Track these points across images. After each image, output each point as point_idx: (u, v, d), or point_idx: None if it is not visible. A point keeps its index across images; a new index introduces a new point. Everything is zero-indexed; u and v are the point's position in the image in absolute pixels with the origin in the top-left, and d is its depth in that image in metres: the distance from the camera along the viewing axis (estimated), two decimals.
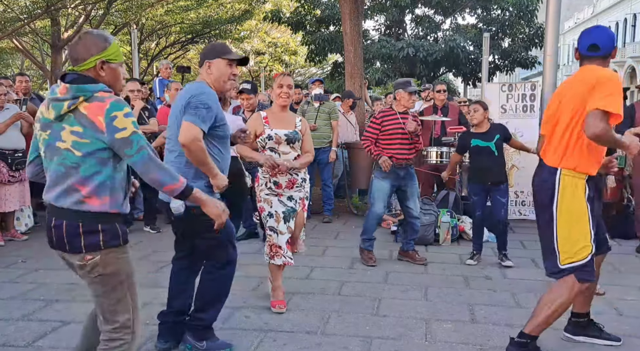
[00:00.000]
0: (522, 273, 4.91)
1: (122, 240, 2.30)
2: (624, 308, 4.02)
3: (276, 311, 3.88)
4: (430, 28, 20.91)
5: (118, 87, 2.35)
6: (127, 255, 2.36)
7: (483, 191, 5.17)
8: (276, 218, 3.90)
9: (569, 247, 3.01)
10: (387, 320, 3.76)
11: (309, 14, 19.70)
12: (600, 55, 3.08)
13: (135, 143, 2.17)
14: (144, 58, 23.27)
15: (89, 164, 2.19)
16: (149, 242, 5.95)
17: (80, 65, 2.25)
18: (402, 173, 5.08)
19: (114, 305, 2.32)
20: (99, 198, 2.21)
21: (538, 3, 18.50)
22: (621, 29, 39.53)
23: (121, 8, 16.87)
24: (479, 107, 5.20)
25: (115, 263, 2.28)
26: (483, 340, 3.44)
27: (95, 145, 2.17)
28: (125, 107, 2.19)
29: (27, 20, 15.08)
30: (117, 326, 2.32)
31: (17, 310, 3.89)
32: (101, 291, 2.30)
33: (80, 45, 2.26)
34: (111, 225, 2.26)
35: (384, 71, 19.75)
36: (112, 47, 2.28)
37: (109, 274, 2.28)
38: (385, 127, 5.05)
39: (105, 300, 2.31)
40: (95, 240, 2.22)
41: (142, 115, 6.22)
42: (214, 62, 3.11)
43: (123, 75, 2.38)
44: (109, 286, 2.30)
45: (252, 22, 26.14)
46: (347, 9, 8.66)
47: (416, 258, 5.21)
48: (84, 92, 2.17)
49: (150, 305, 3.99)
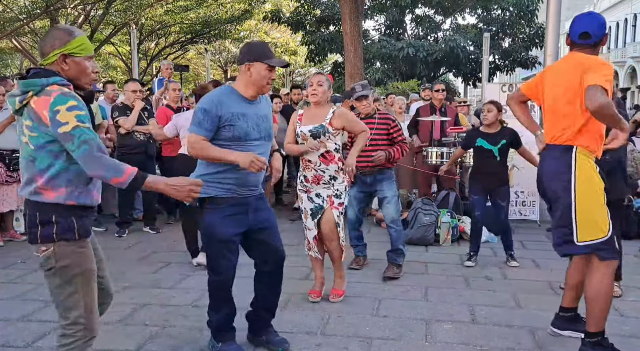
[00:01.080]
0: (523, 274, 4.90)
1: (77, 233, 2.27)
2: (624, 309, 4.01)
3: (311, 300, 4.11)
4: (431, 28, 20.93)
5: (85, 81, 2.34)
6: (85, 250, 2.32)
7: (483, 191, 5.14)
8: (304, 215, 4.12)
9: (587, 223, 3.00)
10: (387, 321, 3.75)
11: (308, 13, 19.71)
12: (591, 43, 3.10)
13: (76, 137, 2.15)
14: (144, 58, 23.26)
15: (41, 157, 2.21)
16: (148, 242, 5.94)
17: (44, 59, 2.28)
18: (368, 179, 4.77)
19: (66, 300, 2.29)
20: (53, 191, 2.23)
21: (538, 3, 18.51)
22: (621, 29, 39.51)
23: (120, 8, 16.87)
24: (493, 107, 5.10)
25: (68, 256, 2.26)
26: (483, 341, 3.43)
27: (44, 138, 2.19)
28: (70, 101, 2.17)
29: (26, 20, 15.08)
30: (68, 322, 2.29)
31: (17, 310, 3.88)
32: (53, 285, 2.29)
33: (45, 39, 2.29)
34: (65, 218, 2.24)
35: (384, 71, 19.75)
36: (77, 41, 2.28)
37: (61, 267, 2.26)
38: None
39: (57, 294, 2.30)
40: (49, 232, 2.23)
41: (141, 115, 6.21)
42: (254, 64, 3.03)
43: (93, 69, 2.36)
44: (61, 280, 2.27)
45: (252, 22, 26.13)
46: (347, 9, 8.67)
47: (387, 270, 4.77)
48: (32, 86, 2.19)
49: (150, 305, 3.99)
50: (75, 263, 2.28)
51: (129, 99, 6.27)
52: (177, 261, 4.82)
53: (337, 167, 4.02)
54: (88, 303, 2.32)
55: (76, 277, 2.28)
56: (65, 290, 2.28)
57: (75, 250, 2.28)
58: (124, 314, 3.80)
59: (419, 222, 5.95)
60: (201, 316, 3.77)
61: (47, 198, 2.23)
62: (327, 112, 4.03)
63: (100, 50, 20.38)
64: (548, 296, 4.27)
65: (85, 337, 2.31)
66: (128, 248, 5.74)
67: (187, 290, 4.34)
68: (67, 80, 2.27)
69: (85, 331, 2.30)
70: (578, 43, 3.13)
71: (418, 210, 6.04)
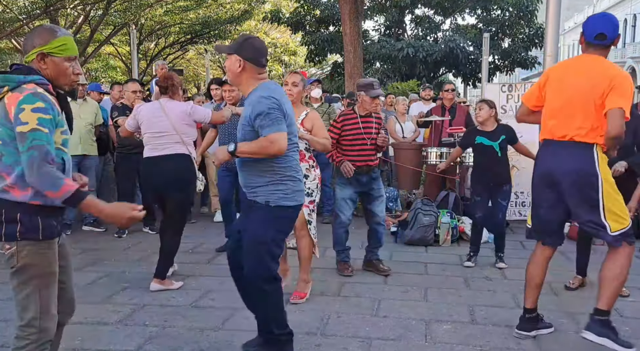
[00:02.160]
0: (522, 274, 4.85)
1: (42, 234, 2.23)
2: (624, 309, 4.01)
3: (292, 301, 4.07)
4: (430, 28, 20.93)
5: (64, 81, 2.31)
6: (49, 251, 2.27)
7: (486, 192, 5.13)
8: None
9: (615, 215, 3.14)
10: (387, 321, 3.75)
11: (308, 14, 19.72)
12: (607, 44, 3.16)
13: (29, 140, 2.11)
14: (143, 58, 23.27)
15: (8, 153, 2.19)
16: (148, 242, 5.94)
17: (27, 56, 2.28)
18: (364, 179, 4.76)
19: (22, 300, 2.26)
20: (20, 189, 2.20)
21: (538, 3, 18.52)
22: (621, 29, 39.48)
23: (120, 8, 16.86)
24: (484, 105, 5.15)
25: (30, 256, 2.22)
26: (483, 341, 3.43)
27: (9, 134, 2.17)
28: (38, 102, 2.14)
29: (26, 21, 15.07)
30: (23, 323, 2.27)
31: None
32: (14, 284, 2.27)
33: (29, 37, 2.29)
34: (30, 217, 2.20)
35: (384, 71, 19.76)
36: (58, 41, 2.25)
37: (22, 267, 2.23)
38: (346, 131, 4.72)
39: (16, 293, 2.28)
40: (13, 230, 2.20)
41: None
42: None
43: (74, 71, 2.32)
44: (19, 280, 2.25)
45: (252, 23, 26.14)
46: (347, 10, 8.67)
47: (380, 268, 4.88)
48: (9, 82, 2.18)
49: (150, 306, 3.98)
50: (34, 264, 2.23)
51: (128, 100, 6.27)
52: (176, 261, 4.81)
53: (308, 165, 4.10)
54: (44, 305, 2.27)
55: (34, 278, 2.24)
56: (23, 291, 2.25)
57: (37, 251, 2.23)
58: (123, 314, 3.80)
59: (419, 222, 5.95)
60: (201, 317, 3.77)
61: (14, 196, 2.20)
62: (300, 112, 4.11)
63: (99, 50, 20.37)
64: (548, 296, 4.26)
65: (39, 340, 2.26)
66: (127, 248, 5.74)
67: (186, 291, 4.33)
68: (47, 80, 2.26)
69: (39, 334, 2.26)
70: (593, 43, 3.18)
71: (418, 211, 6.04)
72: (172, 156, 4.37)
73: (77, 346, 3.27)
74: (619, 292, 3.23)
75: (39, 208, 2.22)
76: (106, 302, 4.05)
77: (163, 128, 4.37)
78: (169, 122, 4.36)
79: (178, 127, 4.38)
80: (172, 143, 4.38)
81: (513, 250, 5.76)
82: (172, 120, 4.37)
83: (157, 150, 4.39)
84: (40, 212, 2.23)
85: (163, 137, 4.38)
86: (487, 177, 5.09)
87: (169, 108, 4.41)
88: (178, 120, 4.39)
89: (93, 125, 6.44)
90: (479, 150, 5.17)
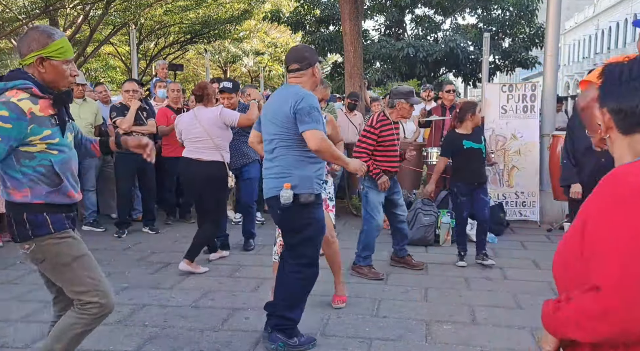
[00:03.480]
0: (523, 274, 4.89)
1: (53, 227, 2.31)
2: None
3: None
4: (430, 28, 20.88)
5: (63, 83, 2.35)
6: (68, 239, 2.36)
7: (471, 192, 5.15)
8: None
9: None
10: (387, 321, 3.74)
11: (308, 13, 19.68)
12: None
13: None
14: (143, 58, 23.25)
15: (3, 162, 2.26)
16: (147, 243, 5.93)
17: (22, 60, 2.29)
18: (391, 183, 4.81)
19: (70, 286, 2.37)
20: (18, 191, 2.27)
21: (538, 3, 18.48)
22: (621, 29, 39.52)
23: (120, 8, 16.85)
24: (477, 106, 5.23)
25: (52, 249, 2.32)
26: (484, 341, 3.42)
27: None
28: (2, 110, 2.16)
29: (25, 21, 15.07)
30: (82, 302, 2.37)
31: (16, 311, 3.87)
32: (52, 275, 2.38)
33: (24, 40, 2.29)
34: (35, 216, 2.28)
35: (384, 71, 19.71)
36: (56, 44, 2.27)
37: (50, 258, 2.32)
38: (382, 136, 4.69)
39: (60, 282, 2.39)
40: (25, 230, 2.28)
41: (140, 115, 6.18)
42: (317, 65, 3.24)
43: (72, 73, 2.36)
44: (56, 269, 2.35)
45: (252, 22, 26.16)
46: (347, 9, 8.65)
47: (412, 263, 5.03)
48: None
49: (149, 306, 3.98)
50: (63, 253, 2.33)
51: (124, 99, 6.28)
52: (176, 261, 4.81)
53: (326, 171, 4.09)
54: (91, 275, 2.38)
55: (69, 264, 2.34)
56: (65, 277, 2.36)
57: (57, 242, 2.32)
58: (123, 315, 3.79)
59: (419, 223, 5.94)
60: (201, 317, 3.77)
61: (16, 199, 2.27)
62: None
63: (99, 50, 20.36)
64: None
65: (103, 306, 2.39)
66: (127, 248, 5.73)
67: (186, 291, 4.33)
68: (44, 83, 2.28)
69: (100, 302, 2.38)
70: None
71: (418, 211, 6.03)
72: (205, 163, 4.77)
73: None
74: None
75: (44, 206, 2.30)
76: None
77: (197, 134, 4.80)
78: (202, 129, 4.77)
79: (211, 132, 4.76)
80: (205, 148, 4.79)
81: (514, 250, 5.76)
82: (205, 127, 4.77)
83: (193, 152, 4.84)
84: (46, 209, 2.30)
85: (198, 142, 4.82)
86: (474, 177, 5.10)
87: (200, 115, 4.82)
88: (210, 125, 4.78)
89: (93, 125, 6.43)
90: (466, 153, 5.09)
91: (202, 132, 4.77)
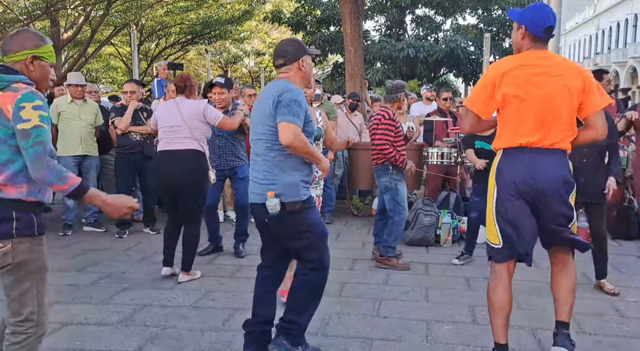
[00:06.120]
0: (523, 275, 4.87)
1: (36, 230, 2.29)
2: (625, 310, 4.01)
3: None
4: (431, 28, 20.92)
5: (44, 85, 2.41)
6: (42, 247, 2.33)
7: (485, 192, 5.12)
8: None
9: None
10: (388, 322, 3.74)
11: (309, 14, 19.72)
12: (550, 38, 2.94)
13: (33, 136, 2.17)
14: (144, 59, 23.28)
15: (2, 152, 2.22)
16: (148, 243, 5.94)
17: (9, 56, 2.30)
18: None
19: (20, 296, 2.30)
20: (14, 186, 2.24)
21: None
22: (622, 29, 39.52)
23: (121, 9, 16.87)
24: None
25: (26, 253, 2.27)
26: (484, 342, 3.42)
27: (5, 133, 2.20)
28: (37, 100, 2.21)
29: (26, 21, 15.07)
30: (21, 319, 2.30)
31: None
32: (9, 281, 2.29)
33: (15, 38, 2.33)
34: (26, 214, 2.26)
35: (385, 72, 19.73)
36: (47, 47, 2.36)
37: (19, 263, 2.26)
38: (397, 128, 5.05)
39: (12, 290, 2.30)
40: (8, 228, 2.22)
41: (140, 116, 6.19)
42: (305, 58, 3.07)
43: (52, 77, 2.44)
44: (17, 276, 2.28)
45: (252, 23, 26.17)
46: (348, 10, 8.66)
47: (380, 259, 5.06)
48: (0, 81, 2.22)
49: (150, 306, 3.98)
50: (31, 260, 2.29)
51: (124, 100, 6.29)
52: (177, 262, 4.81)
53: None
54: (41, 299, 2.33)
55: (31, 274, 2.29)
56: (20, 287, 2.28)
57: (33, 247, 2.29)
58: (124, 315, 3.79)
59: (420, 223, 5.94)
60: (201, 317, 3.77)
61: (8, 194, 2.23)
62: (316, 114, 4.13)
63: (100, 51, 20.38)
64: (548, 296, 4.24)
65: (36, 334, 2.32)
66: (128, 249, 5.74)
67: (187, 291, 4.33)
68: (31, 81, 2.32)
69: (37, 328, 2.32)
70: (543, 38, 2.90)
71: (419, 211, 6.03)
72: (183, 151, 4.53)
73: (77, 346, 3.27)
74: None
75: (33, 204, 2.29)
76: (107, 303, 4.04)
77: (175, 122, 4.57)
78: (180, 118, 4.56)
79: (190, 123, 4.56)
80: (183, 138, 4.55)
81: None
82: (184, 116, 4.56)
83: (170, 143, 4.57)
84: (34, 208, 2.29)
85: (175, 131, 4.56)
86: (486, 178, 5.09)
87: (183, 106, 4.62)
88: (190, 116, 4.58)
89: (93, 125, 6.44)
90: (481, 154, 5.13)
91: (181, 121, 4.53)
